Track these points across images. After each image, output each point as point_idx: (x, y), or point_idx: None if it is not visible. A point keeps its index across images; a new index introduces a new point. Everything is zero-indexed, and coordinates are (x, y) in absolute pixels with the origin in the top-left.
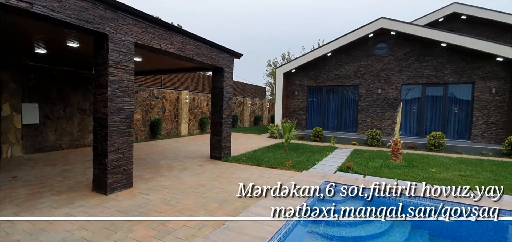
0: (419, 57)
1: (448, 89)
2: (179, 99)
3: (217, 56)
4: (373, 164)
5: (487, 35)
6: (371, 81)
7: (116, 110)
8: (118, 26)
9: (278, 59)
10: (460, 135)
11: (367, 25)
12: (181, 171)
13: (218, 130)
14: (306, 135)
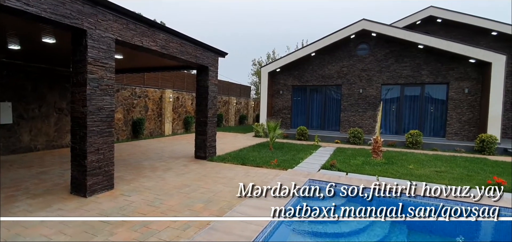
0: (398, 58)
1: (425, 89)
2: (163, 98)
3: (202, 54)
4: (355, 161)
5: (461, 37)
6: (353, 81)
7: (95, 110)
8: (97, 22)
9: (263, 59)
10: (435, 132)
11: (349, 26)
12: (165, 172)
13: (203, 129)
14: (291, 134)
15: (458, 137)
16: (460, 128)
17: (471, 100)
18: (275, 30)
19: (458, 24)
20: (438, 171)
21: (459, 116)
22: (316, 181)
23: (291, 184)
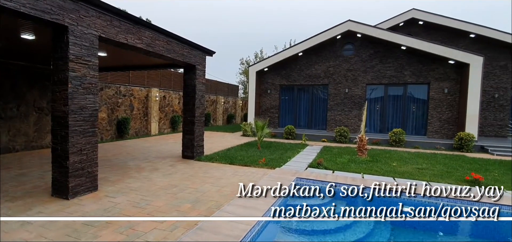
0: (382, 59)
1: (407, 89)
2: (149, 97)
3: (189, 53)
4: (341, 159)
5: (441, 39)
6: (339, 81)
7: (78, 109)
8: (79, 18)
9: (251, 58)
10: (417, 131)
11: (335, 27)
12: (151, 172)
13: (191, 129)
14: (279, 133)
15: (439, 135)
16: (440, 127)
17: (450, 100)
18: (263, 29)
19: (438, 27)
20: (420, 168)
21: (439, 115)
22: (304, 179)
23: (278, 184)
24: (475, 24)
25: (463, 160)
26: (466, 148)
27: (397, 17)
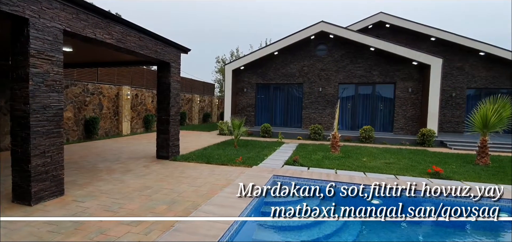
0: (353, 59)
1: (376, 89)
2: (120, 96)
3: (163, 50)
4: (316, 156)
5: (406, 42)
6: (313, 80)
7: (40, 108)
8: (41, 10)
9: (227, 56)
10: (385, 128)
11: (309, 27)
12: (124, 174)
13: (165, 128)
14: (255, 131)
15: (404, 131)
16: (405, 123)
17: (414, 99)
18: (239, 28)
19: (403, 30)
20: (388, 162)
21: (404, 113)
22: (280, 177)
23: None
24: (435, 28)
25: (425, 154)
26: (428, 143)
27: (366, 20)
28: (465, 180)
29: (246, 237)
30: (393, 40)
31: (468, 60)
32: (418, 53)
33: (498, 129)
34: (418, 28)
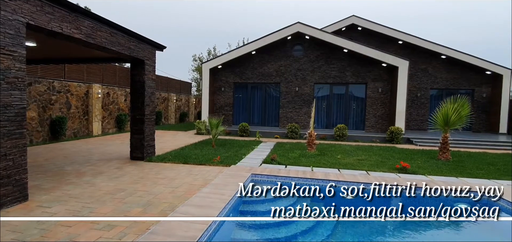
0: (327, 60)
1: (349, 89)
2: (90, 94)
3: (137, 46)
4: (293, 154)
5: (376, 44)
6: (290, 80)
7: (1, 107)
8: (3, 1)
9: (204, 55)
10: (357, 126)
11: (286, 28)
12: (95, 176)
13: (140, 128)
14: (233, 130)
15: (374, 129)
16: (375, 122)
17: (383, 98)
18: (216, 27)
19: (374, 33)
20: (360, 159)
21: (374, 112)
22: (258, 175)
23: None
24: (402, 32)
25: (394, 151)
26: (396, 140)
27: (340, 22)
28: (429, 174)
29: (224, 237)
30: (364, 42)
31: (431, 62)
32: (387, 55)
33: (458, 127)
34: (387, 31)
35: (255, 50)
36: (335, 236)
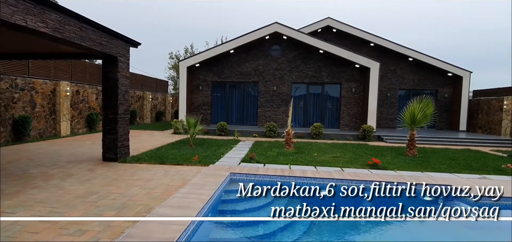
0: (304, 60)
1: (325, 88)
2: (57, 92)
3: (109, 42)
4: (271, 153)
5: (350, 46)
6: (268, 79)
7: None
8: None
9: (181, 52)
10: (332, 124)
11: (264, 27)
12: (64, 179)
13: (113, 128)
14: (211, 130)
15: (348, 127)
16: (349, 121)
17: (356, 98)
18: (193, 24)
19: (348, 35)
20: (335, 156)
21: (348, 111)
22: (237, 174)
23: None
24: (374, 34)
25: (366, 148)
26: (368, 138)
27: (315, 24)
28: (397, 169)
29: (203, 237)
30: (339, 44)
31: (400, 64)
32: (360, 57)
33: (423, 125)
34: (359, 34)
35: (234, 49)
36: (311, 231)
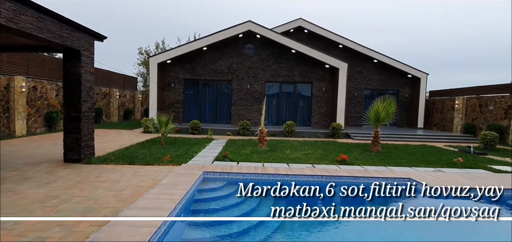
0: (277, 59)
1: (297, 87)
2: (11, 88)
3: (71, 35)
4: (245, 151)
5: (320, 47)
6: (242, 77)
7: None
8: None
9: (151, 48)
10: (304, 122)
11: (237, 25)
12: (19, 183)
13: (76, 126)
14: (184, 128)
15: (319, 125)
16: (320, 119)
17: (326, 97)
18: (166, 19)
19: (318, 36)
20: (306, 153)
21: (319, 109)
22: (210, 173)
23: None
24: (343, 37)
25: (335, 145)
26: (337, 135)
27: (288, 24)
28: (363, 164)
29: (176, 238)
30: (310, 44)
31: (366, 65)
32: (330, 57)
33: (386, 122)
34: (329, 35)
35: (207, 46)
36: (284, 227)
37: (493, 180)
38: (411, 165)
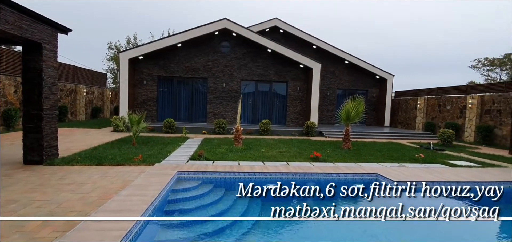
0: (253, 58)
1: (272, 86)
2: None
3: (31, 26)
4: (220, 149)
5: (295, 47)
6: (218, 76)
7: None
8: None
9: (122, 43)
10: (279, 121)
11: (213, 22)
12: None
13: (37, 125)
14: (157, 127)
15: (294, 124)
16: (294, 117)
17: (301, 96)
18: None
19: (293, 36)
20: (281, 151)
21: (294, 108)
22: (185, 173)
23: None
24: (316, 37)
25: (309, 143)
26: (311, 133)
27: (264, 23)
28: (335, 161)
29: (148, 239)
30: (285, 44)
31: (338, 66)
32: (304, 57)
33: (356, 121)
34: (304, 36)
35: (181, 42)
36: (259, 224)
37: (449, 174)
38: (378, 161)
